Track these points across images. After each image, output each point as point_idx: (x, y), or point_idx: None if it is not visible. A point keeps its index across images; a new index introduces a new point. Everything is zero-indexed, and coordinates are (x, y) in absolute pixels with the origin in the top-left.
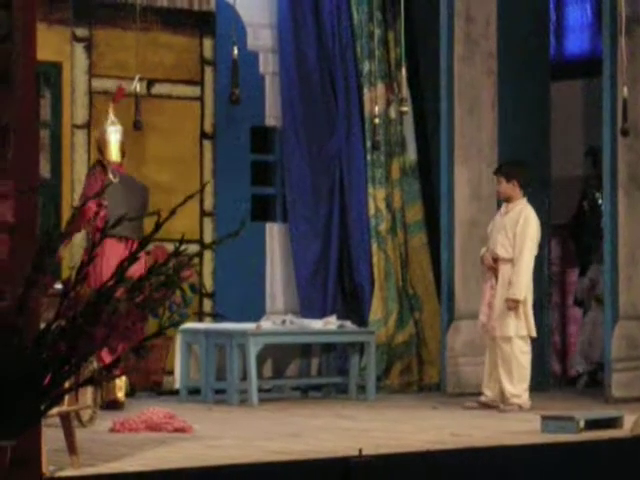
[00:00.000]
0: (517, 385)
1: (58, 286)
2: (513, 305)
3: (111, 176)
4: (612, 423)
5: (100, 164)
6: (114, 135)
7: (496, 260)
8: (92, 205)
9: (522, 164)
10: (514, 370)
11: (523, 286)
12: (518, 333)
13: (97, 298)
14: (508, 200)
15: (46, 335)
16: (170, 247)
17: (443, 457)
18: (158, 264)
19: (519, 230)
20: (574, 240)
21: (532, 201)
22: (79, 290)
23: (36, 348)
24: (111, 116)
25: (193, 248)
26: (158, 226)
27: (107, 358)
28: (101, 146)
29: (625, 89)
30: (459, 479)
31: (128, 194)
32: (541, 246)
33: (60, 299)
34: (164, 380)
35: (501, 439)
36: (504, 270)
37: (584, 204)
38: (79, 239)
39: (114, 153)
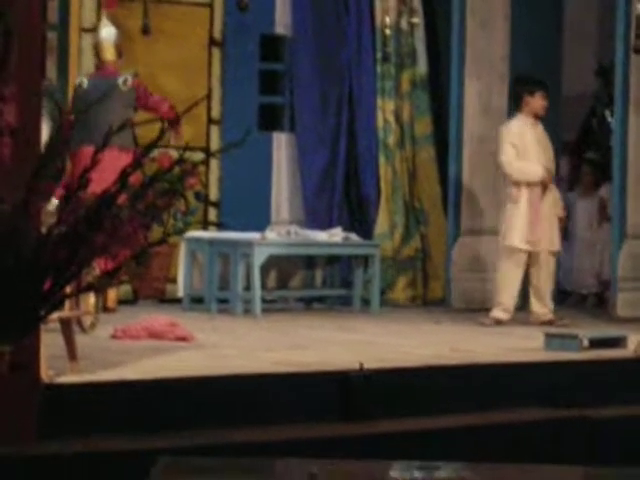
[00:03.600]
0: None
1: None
2: (561, 222)
3: (77, 80)
4: (616, 342)
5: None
6: (107, 36)
7: (548, 175)
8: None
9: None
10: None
11: None
12: (554, 248)
13: (98, 204)
14: (537, 116)
15: (46, 241)
16: (175, 154)
17: (444, 372)
18: (161, 171)
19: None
20: (573, 157)
21: (542, 118)
22: (80, 196)
23: (36, 253)
24: (104, 19)
25: (199, 156)
26: (162, 132)
27: (108, 265)
28: (96, 48)
29: (639, 6)
30: (459, 394)
31: (105, 98)
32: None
33: (60, 205)
34: (167, 288)
35: (502, 355)
36: (552, 186)
37: (592, 121)
38: None
39: (107, 53)
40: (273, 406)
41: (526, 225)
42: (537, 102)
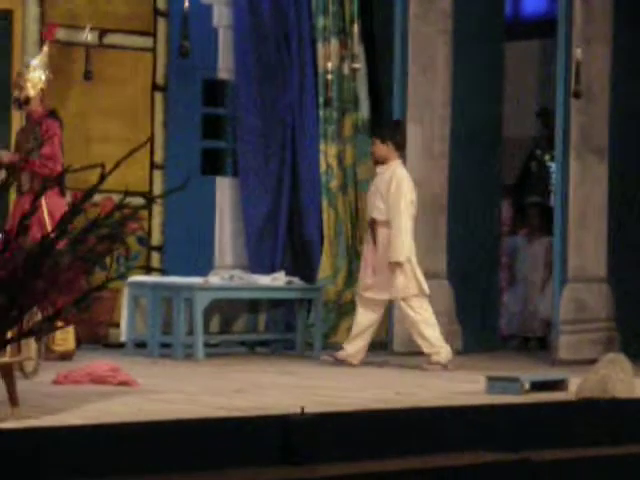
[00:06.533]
0: (434, 342)
1: None
2: (396, 267)
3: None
4: (557, 385)
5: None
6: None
7: (374, 223)
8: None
9: (398, 125)
10: (423, 330)
11: (403, 247)
12: (410, 293)
13: (38, 250)
14: (383, 162)
15: None
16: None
17: (386, 416)
18: (102, 216)
19: (392, 191)
20: (515, 201)
21: (483, 162)
22: (21, 241)
23: None
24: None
25: (141, 201)
26: (102, 177)
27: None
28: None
29: (579, 51)
30: (401, 438)
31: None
32: (490, 206)
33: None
34: (110, 333)
35: (444, 399)
36: (382, 233)
37: (531, 165)
38: None
39: (30, 89)
40: (215, 450)
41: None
42: None
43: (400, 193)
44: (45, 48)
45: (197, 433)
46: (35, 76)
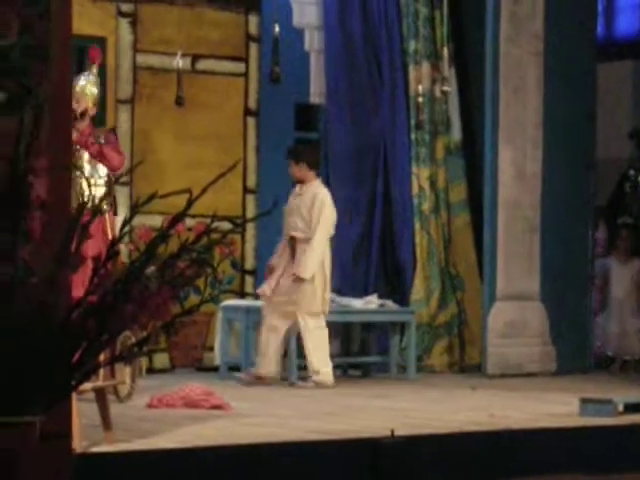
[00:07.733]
0: (316, 365)
1: None
2: (299, 282)
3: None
4: None
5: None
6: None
7: (294, 241)
8: None
9: (312, 145)
10: (311, 350)
11: (312, 266)
12: (311, 310)
13: (127, 275)
14: (301, 182)
15: (75, 311)
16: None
17: (477, 438)
18: (189, 241)
19: (315, 212)
20: (608, 222)
21: (576, 183)
22: (110, 266)
23: (64, 325)
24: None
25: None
26: (190, 203)
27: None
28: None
29: None
30: (494, 461)
31: None
32: (583, 227)
33: (90, 275)
34: (204, 356)
35: (537, 421)
36: (301, 250)
37: (625, 186)
38: None
39: (89, 102)
40: (305, 474)
41: None
42: None
43: (322, 214)
44: (94, 69)
45: (287, 456)
46: (93, 91)
